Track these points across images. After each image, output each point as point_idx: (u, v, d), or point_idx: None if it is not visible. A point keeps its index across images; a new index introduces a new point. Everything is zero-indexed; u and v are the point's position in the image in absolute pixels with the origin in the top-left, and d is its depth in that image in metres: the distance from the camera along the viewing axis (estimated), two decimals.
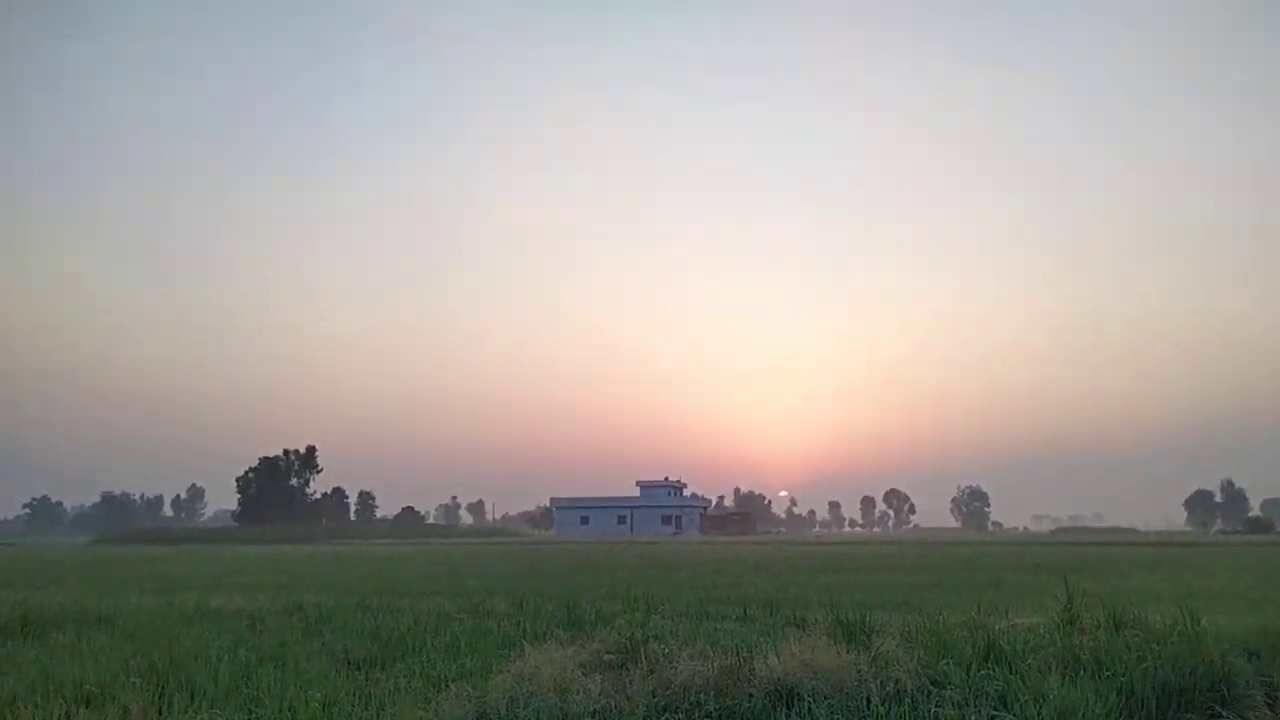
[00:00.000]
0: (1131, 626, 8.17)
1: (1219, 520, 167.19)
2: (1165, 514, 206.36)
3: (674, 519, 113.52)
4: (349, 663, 7.74)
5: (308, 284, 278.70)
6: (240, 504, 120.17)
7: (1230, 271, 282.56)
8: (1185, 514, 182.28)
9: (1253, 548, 49.83)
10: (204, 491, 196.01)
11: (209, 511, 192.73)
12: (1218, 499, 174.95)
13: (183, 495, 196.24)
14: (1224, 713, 6.46)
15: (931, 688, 6.08)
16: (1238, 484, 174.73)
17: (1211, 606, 12.62)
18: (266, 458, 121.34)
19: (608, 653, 7.60)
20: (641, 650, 7.37)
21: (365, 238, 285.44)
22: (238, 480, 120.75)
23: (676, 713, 5.44)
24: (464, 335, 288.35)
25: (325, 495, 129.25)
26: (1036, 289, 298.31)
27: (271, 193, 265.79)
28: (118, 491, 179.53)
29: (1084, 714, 5.11)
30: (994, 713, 5.26)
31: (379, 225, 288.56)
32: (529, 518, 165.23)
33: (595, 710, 5.42)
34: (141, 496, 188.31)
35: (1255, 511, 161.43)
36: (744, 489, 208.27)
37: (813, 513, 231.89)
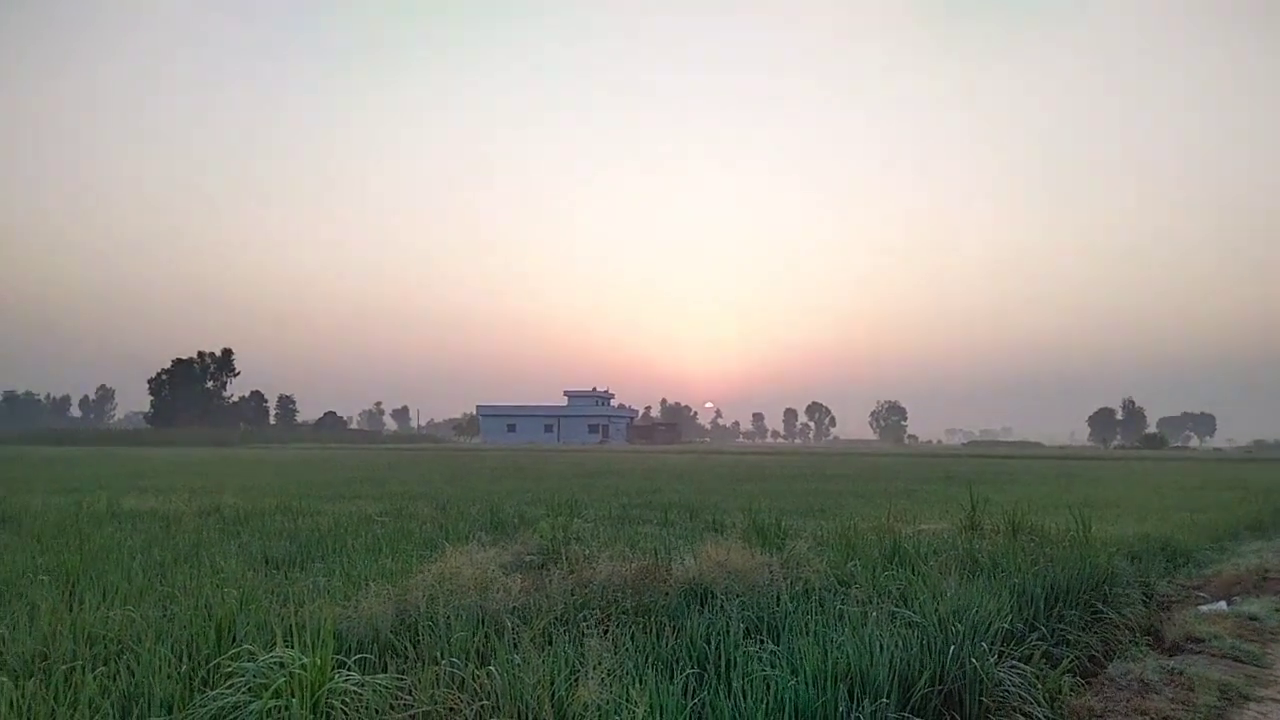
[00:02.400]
0: (1028, 532, 8.67)
1: (1119, 436, 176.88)
2: (1070, 430, 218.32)
3: (601, 428, 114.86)
4: (267, 562, 7.71)
5: (229, 178, 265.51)
6: (153, 406, 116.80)
7: (1136, 207, 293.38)
8: (1088, 430, 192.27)
9: (1147, 461, 53.08)
10: (114, 392, 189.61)
11: (119, 413, 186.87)
12: (1119, 416, 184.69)
13: (91, 396, 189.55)
14: (1104, 609, 6.95)
15: (838, 586, 6.37)
16: (1138, 403, 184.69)
17: (1103, 515, 13.45)
18: (180, 359, 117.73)
19: (529, 554, 7.74)
20: (562, 552, 7.52)
21: (293, 137, 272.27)
22: (150, 382, 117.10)
23: (594, 610, 5.59)
24: (390, 239, 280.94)
25: (243, 399, 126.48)
26: (960, 222, 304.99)
27: (205, 83, 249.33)
28: (20, 390, 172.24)
29: (977, 610, 5.42)
30: (894, 609, 5.54)
31: (308, 125, 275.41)
32: (455, 425, 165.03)
33: (515, 608, 5.52)
34: (47, 396, 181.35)
35: (1152, 428, 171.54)
36: (670, 400, 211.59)
37: (737, 424, 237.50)
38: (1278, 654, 6.74)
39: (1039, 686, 5.04)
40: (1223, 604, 8.40)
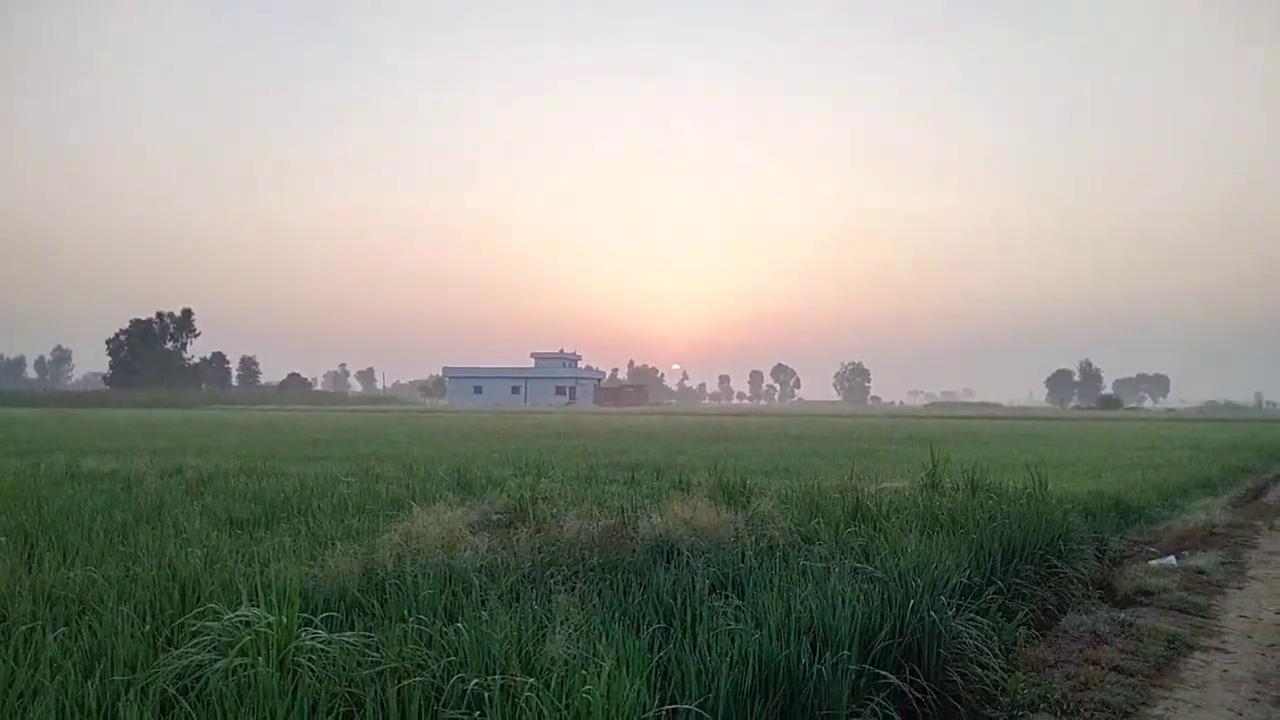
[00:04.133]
0: (987, 490, 8.84)
1: (1076, 397, 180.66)
2: (1029, 391, 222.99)
3: (568, 390, 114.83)
4: (231, 523, 7.65)
5: (190, 135, 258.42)
6: (112, 367, 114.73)
7: (1098, 178, 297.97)
8: (1046, 391, 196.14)
9: (1102, 422, 54.29)
10: (71, 353, 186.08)
11: (77, 375, 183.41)
12: (1076, 378, 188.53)
13: (47, 357, 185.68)
14: (1059, 564, 7.14)
15: (802, 543, 6.47)
16: (1095, 364, 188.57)
17: (1059, 473, 13.76)
18: (139, 320, 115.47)
19: (496, 514, 7.75)
20: (530, 511, 7.55)
21: (257, 96, 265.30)
22: (108, 342, 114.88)
23: (561, 567, 5.62)
24: (355, 198, 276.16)
25: (204, 360, 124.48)
26: (924, 189, 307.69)
27: (165, 41, 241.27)
28: None
29: (936, 565, 5.54)
30: (856, 564, 5.65)
31: (273, 83, 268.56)
32: (421, 387, 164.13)
33: (482, 566, 5.54)
34: (1, 357, 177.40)
35: (1108, 389, 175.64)
36: (637, 362, 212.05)
37: (703, 385, 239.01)
38: (1223, 606, 6.99)
39: (995, 638, 5.18)
40: (1172, 559, 8.67)
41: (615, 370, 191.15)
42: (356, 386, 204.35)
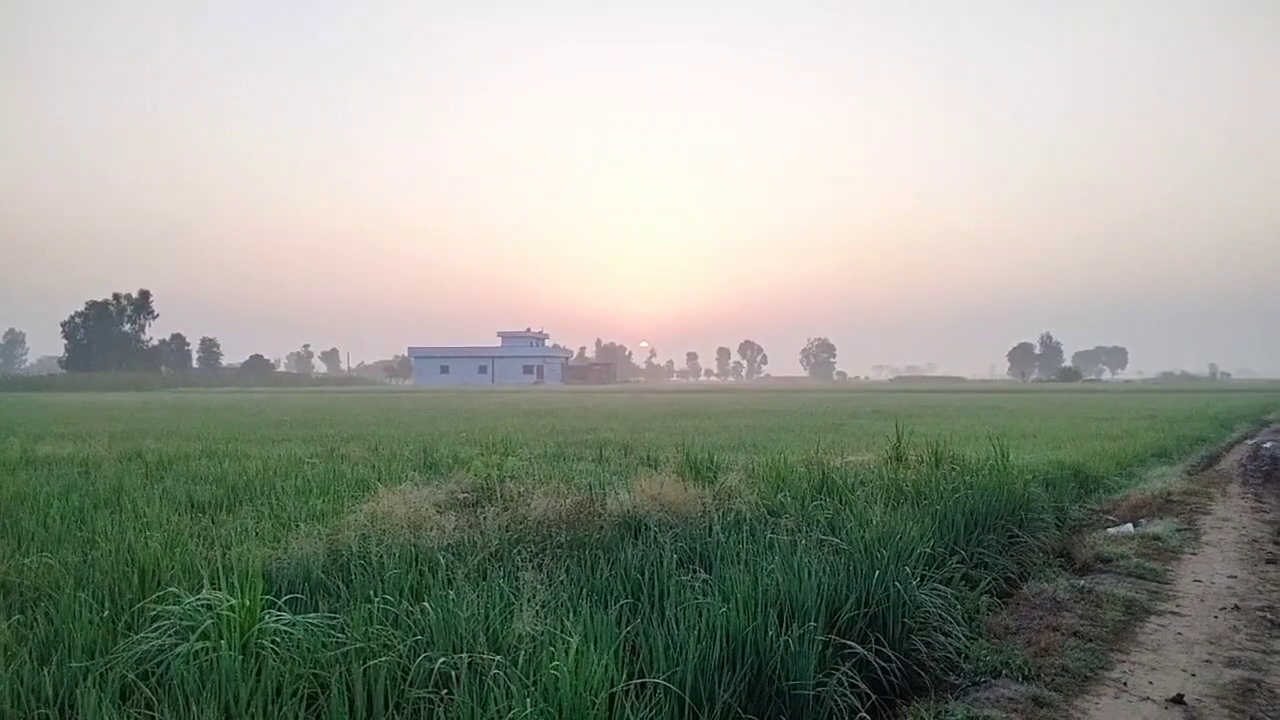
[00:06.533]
0: (950, 462, 8.96)
1: (1036, 369, 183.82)
2: (991, 364, 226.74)
3: (536, 369, 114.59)
4: (193, 506, 7.53)
5: (142, 109, 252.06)
6: (67, 350, 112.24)
7: (1055, 152, 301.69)
8: (1008, 364, 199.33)
9: (1062, 394, 55.31)
10: (24, 336, 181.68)
11: (31, 358, 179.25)
12: (1037, 351, 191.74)
13: (0, 340, 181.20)
14: (1020, 533, 7.26)
15: (769, 516, 6.51)
16: (1055, 338, 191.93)
17: (1020, 445, 13.98)
18: (94, 301, 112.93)
19: (463, 493, 7.70)
20: (497, 489, 7.51)
21: (216, 69, 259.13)
22: (63, 325, 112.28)
23: (529, 545, 5.61)
24: (316, 176, 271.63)
25: (163, 342, 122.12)
26: (885, 168, 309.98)
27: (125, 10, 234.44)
28: None
29: (901, 536, 5.61)
30: (823, 537, 5.70)
31: (232, 56, 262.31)
32: (386, 367, 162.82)
33: (449, 545, 5.50)
34: None
35: (1068, 362, 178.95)
36: (605, 340, 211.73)
37: (671, 363, 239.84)
38: (1178, 571, 7.16)
39: (958, 607, 5.26)
40: (1129, 526, 8.85)
41: (583, 349, 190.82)
42: (321, 368, 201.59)
